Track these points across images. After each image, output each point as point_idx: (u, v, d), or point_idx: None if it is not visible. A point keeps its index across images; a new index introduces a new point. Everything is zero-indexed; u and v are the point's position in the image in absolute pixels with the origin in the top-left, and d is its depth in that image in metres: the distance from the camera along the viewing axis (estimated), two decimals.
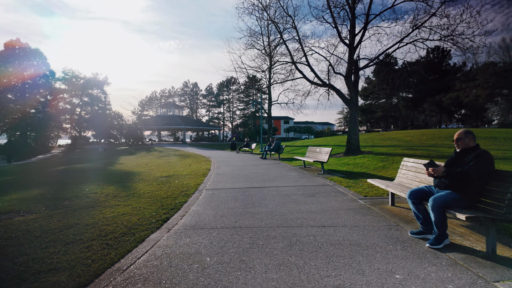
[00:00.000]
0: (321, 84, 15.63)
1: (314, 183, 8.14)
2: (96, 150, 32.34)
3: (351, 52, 14.35)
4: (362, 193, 6.56)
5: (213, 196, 6.63)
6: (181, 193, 7.12)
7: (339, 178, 8.79)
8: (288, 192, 6.86)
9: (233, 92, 79.88)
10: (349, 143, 14.92)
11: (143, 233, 4.16)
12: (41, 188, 8.44)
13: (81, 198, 6.75)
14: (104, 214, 5.20)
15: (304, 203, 5.77)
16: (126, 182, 9.14)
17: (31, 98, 39.43)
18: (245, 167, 12.64)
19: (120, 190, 7.70)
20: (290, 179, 8.97)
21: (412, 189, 3.93)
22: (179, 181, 9.12)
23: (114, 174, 11.46)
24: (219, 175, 10.40)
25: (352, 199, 6.02)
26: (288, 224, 4.40)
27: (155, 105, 77.41)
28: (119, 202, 6.23)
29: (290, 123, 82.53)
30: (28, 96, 39.29)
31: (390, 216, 4.74)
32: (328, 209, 5.24)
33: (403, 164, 5.57)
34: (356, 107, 14.89)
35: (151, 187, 8.07)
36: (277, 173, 10.37)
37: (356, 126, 14.87)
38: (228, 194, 6.86)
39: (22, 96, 38.72)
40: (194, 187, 7.89)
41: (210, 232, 4.10)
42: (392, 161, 11.58)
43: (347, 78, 14.93)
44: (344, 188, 7.23)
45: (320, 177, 9.11)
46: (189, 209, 5.49)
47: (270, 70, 27.24)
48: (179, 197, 6.66)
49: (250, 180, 8.87)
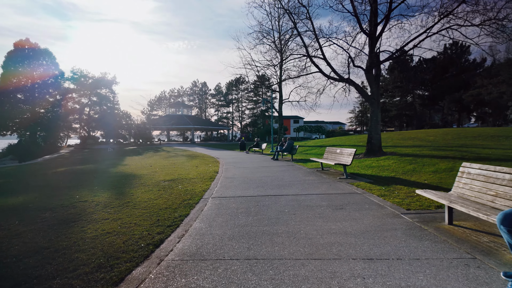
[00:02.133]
0: (339, 79, 14.36)
1: (339, 190, 6.94)
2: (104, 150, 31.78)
3: (372, 43, 13.03)
4: (403, 205, 5.34)
5: (220, 208, 5.51)
6: (183, 202, 6.04)
7: (366, 184, 7.57)
8: (310, 203, 5.69)
9: (242, 91, 78.88)
10: (370, 143, 13.61)
11: (125, 266, 3.07)
12: (29, 194, 7.50)
13: (67, 208, 5.74)
14: (84, 233, 4.15)
15: (334, 219, 4.60)
16: (124, 187, 8.12)
17: (40, 98, 39.28)
18: (256, 170, 11.52)
19: (114, 197, 6.67)
20: (310, 185, 7.79)
21: (506, 211, 2.72)
22: (182, 186, 8.05)
23: (114, 177, 10.50)
24: (228, 179, 9.31)
25: (393, 214, 4.81)
26: (321, 255, 3.24)
27: (164, 104, 77.06)
28: (108, 214, 5.18)
29: (300, 123, 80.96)
30: (38, 96, 39.14)
31: (456, 242, 3.53)
32: (367, 229, 4.06)
33: (464, 171, 4.33)
34: (377, 103, 13.58)
35: (150, 194, 7.02)
36: (293, 177, 9.20)
37: (378, 125, 13.56)
38: (238, 204, 5.74)
39: (32, 96, 38.58)
40: (199, 195, 6.80)
41: (214, 268, 2.98)
42: (422, 164, 10.27)
43: (368, 72, 13.63)
44: (377, 198, 6.01)
45: (344, 183, 7.90)
46: (190, 227, 4.39)
47: (281, 66, 26.04)
48: (180, 208, 5.57)
49: (263, 186, 7.73)
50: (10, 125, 38.06)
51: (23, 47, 39.55)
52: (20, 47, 39.40)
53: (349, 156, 8.87)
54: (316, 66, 14.37)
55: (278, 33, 24.45)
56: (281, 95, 27.24)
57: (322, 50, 14.31)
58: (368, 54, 13.35)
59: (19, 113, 37.95)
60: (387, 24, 13.14)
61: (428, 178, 8.20)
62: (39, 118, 38.67)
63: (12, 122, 38.10)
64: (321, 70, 14.33)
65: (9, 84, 37.19)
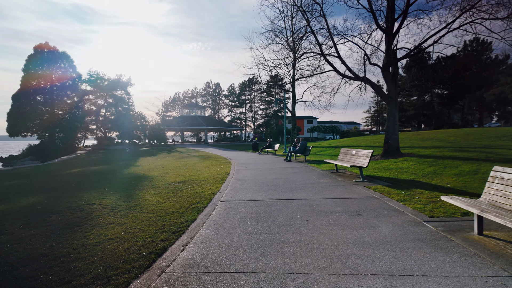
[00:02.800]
0: (354, 78, 13.87)
1: (355, 194, 6.56)
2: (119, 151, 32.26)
3: (389, 40, 12.49)
4: (425, 212, 4.94)
5: (229, 212, 5.26)
6: (191, 206, 5.83)
7: (384, 188, 7.15)
8: (324, 208, 5.36)
9: (255, 92, 78.71)
10: (387, 143, 13.07)
11: (123, 278, 2.86)
12: (40, 196, 7.50)
13: (74, 211, 5.64)
14: (86, 239, 3.99)
15: (350, 227, 4.26)
16: (134, 189, 8.02)
17: (59, 100, 40.31)
18: (268, 171, 11.23)
19: (122, 200, 6.55)
20: (323, 188, 7.44)
21: None
22: (192, 188, 7.87)
23: (126, 178, 10.46)
24: (239, 181, 9.06)
25: (415, 222, 4.43)
26: (336, 269, 2.93)
27: (178, 106, 77.84)
28: (114, 218, 5.03)
29: (314, 123, 79.97)
30: (56, 98, 40.19)
31: (490, 257, 3.14)
32: (387, 239, 3.71)
33: (496, 176, 3.91)
34: (395, 102, 13.02)
35: (159, 196, 6.86)
36: (305, 180, 8.86)
37: (395, 125, 12.99)
38: (248, 209, 5.48)
39: (51, 98, 39.63)
40: (208, 198, 6.59)
41: (218, 282, 2.72)
42: (444, 166, 9.71)
43: (385, 70, 13.09)
44: (397, 203, 5.62)
45: (360, 186, 7.51)
46: (196, 233, 4.16)
47: (294, 65, 25.63)
48: (188, 212, 5.36)
49: (275, 189, 7.44)
50: (30, 126, 39.17)
51: (43, 50, 40.66)
52: (40, 50, 40.53)
53: (365, 157, 8.45)
54: (330, 64, 13.93)
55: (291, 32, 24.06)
56: (294, 95, 26.83)
57: (337, 48, 13.88)
58: (385, 51, 12.81)
59: (39, 114, 39.05)
60: (404, 20, 12.57)
61: (450, 181, 7.69)
62: (58, 119, 39.64)
63: (32, 123, 39.21)
64: (336, 68, 13.88)
65: (29, 86, 38.37)
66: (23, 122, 37.94)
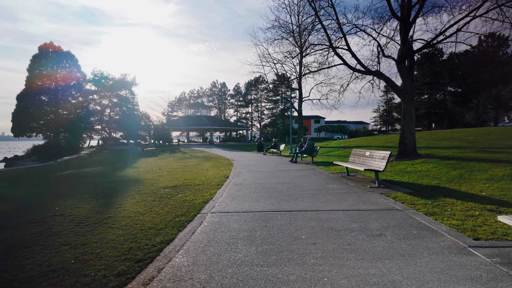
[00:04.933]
0: (365, 72, 12.72)
1: (372, 205, 5.48)
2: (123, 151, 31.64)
3: (406, 29, 11.32)
4: (466, 231, 3.84)
5: (217, 230, 4.25)
6: (174, 219, 4.83)
7: (406, 196, 6.04)
8: (336, 225, 4.30)
9: (261, 91, 77.62)
10: (402, 144, 11.90)
11: None
12: (9, 203, 6.62)
13: (33, 225, 4.71)
14: (21, 270, 3.02)
15: (372, 255, 3.20)
16: (117, 196, 7.07)
17: (63, 100, 40.00)
18: (271, 174, 10.19)
19: (96, 210, 5.60)
20: (333, 195, 6.37)
21: None
22: (183, 195, 6.89)
23: (115, 181, 9.55)
24: (237, 186, 8.05)
25: (457, 247, 3.35)
26: None
27: (184, 106, 77.34)
28: (74, 236, 4.07)
29: (321, 123, 78.45)
30: (61, 98, 39.83)
31: None
32: (426, 278, 2.64)
33: None
34: (411, 98, 11.83)
35: (141, 206, 5.89)
36: (313, 185, 7.80)
37: (411, 123, 11.81)
38: (242, 224, 4.45)
39: (55, 98, 39.28)
40: (197, 208, 5.59)
41: None
42: (470, 169, 8.53)
43: (400, 63, 11.92)
44: (426, 218, 4.53)
45: (377, 194, 6.41)
46: (168, 263, 3.15)
47: (301, 62, 24.53)
48: (167, 228, 4.36)
49: (277, 197, 6.40)
50: (35, 126, 38.86)
51: (47, 49, 40.35)
52: (44, 50, 40.21)
53: (381, 160, 7.35)
54: (340, 57, 12.79)
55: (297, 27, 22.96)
56: (301, 93, 25.70)
57: (346, 39, 12.75)
58: (401, 42, 11.64)
59: (43, 114, 38.76)
60: (422, 7, 11.38)
61: (483, 188, 6.54)
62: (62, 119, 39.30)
63: (37, 124, 38.92)
64: (346, 62, 12.75)
65: (34, 86, 38.04)
66: (27, 122, 37.66)
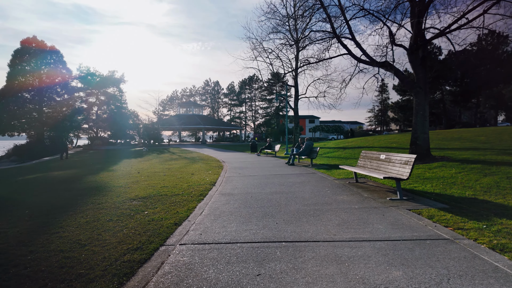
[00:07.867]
0: (371, 63, 11.29)
1: (407, 230, 3.96)
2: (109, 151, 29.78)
3: (419, 13, 9.89)
4: None
5: (182, 282, 2.68)
6: (122, 257, 3.26)
7: (443, 214, 4.55)
8: (368, 273, 2.76)
9: (256, 90, 76.09)
10: (414, 144, 10.47)
11: None
12: None
13: None
14: None
15: None
16: (64, 212, 5.44)
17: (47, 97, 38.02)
18: (266, 180, 8.66)
19: (19, 238, 3.99)
20: (349, 213, 4.85)
21: None
22: (152, 211, 5.31)
23: (78, 189, 7.91)
24: (224, 196, 6.50)
25: None
26: None
27: (176, 104, 75.40)
28: None
29: (316, 122, 77.30)
30: (45, 95, 37.78)
31: None
32: None
33: None
34: (425, 93, 10.40)
35: (88, 230, 4.30)
36: (317, 195, 6.28)
37: (425, 121, 10.38)
38: (221, 270, 2.90)
39: (39, 96, 37.24)
40: (163, 235, 4.02)
41: None
42: (505, 175, 7.10)
43: (412, 53, 10.50)
44: (493, 255, 3.02)
45: (403, 210, 4.91)
46: None
47: (297, 57, 23.05)
48: (105, 278, 2.79)
49: (273, 214, 4.86)
50: (17, 125, 36.81)
51: (30, 44, 38.21)
52: (27, 46, 38.07)
53: (403, 165, 5.85)
54: (344, 46, 11.31)
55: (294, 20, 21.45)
56: (297, 90, 24.22)
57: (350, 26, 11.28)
58: (414, 28, 10.21)
59: (26, 112, 36.81)
60: None
61: None
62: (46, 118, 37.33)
63: (19, 122, 36.92)
64: (350, 51, 11.27)
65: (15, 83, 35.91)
66: (8, 120, 35.59)
